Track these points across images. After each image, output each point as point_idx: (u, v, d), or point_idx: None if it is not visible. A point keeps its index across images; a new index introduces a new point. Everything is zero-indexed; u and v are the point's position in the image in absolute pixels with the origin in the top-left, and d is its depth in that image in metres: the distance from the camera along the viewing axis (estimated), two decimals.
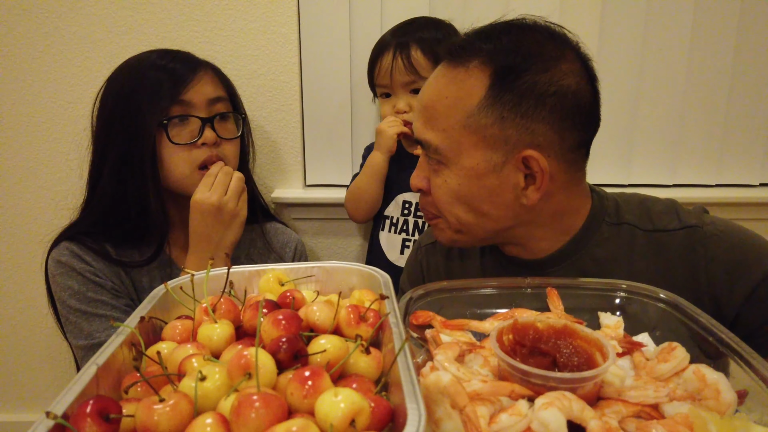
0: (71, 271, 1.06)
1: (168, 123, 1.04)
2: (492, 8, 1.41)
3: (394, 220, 1.38)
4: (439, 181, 0.80)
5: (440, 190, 0.80)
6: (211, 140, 1.08)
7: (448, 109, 0.77)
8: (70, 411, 0.39)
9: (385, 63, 1.27)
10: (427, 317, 0.65)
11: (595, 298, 0.70)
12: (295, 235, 1.34)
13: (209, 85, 1.10)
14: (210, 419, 0.39)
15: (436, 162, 0.80)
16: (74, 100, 1.45)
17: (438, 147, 0.78)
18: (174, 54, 1.12)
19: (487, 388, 0.49)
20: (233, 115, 1.16)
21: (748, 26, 1.40)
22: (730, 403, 0.49)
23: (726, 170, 1.50)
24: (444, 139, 0.77)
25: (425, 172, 0.83)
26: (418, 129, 0.81)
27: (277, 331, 0.50)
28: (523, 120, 0.74)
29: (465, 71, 0.76)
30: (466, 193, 0.79)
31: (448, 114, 0.77)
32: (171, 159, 1.07)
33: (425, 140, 0.79)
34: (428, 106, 0.79)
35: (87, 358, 1.03)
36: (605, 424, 0.45)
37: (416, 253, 1.05)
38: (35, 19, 1.40)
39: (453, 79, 0.77)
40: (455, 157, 0.77)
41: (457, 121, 0.76)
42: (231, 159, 1.14)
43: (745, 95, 1.45)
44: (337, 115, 1.50)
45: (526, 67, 0.74)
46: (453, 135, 0.77)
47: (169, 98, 1.04)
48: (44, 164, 1.49)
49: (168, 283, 0.61)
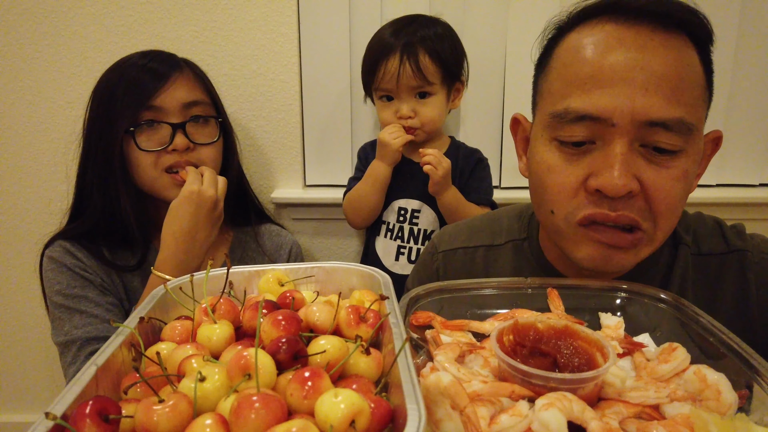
0: (61, 267, 1.05)
1: (135, 130, 1.04)
2: (492, 8, 1.41)
3: (391, 226, 1.38)
4: (676, 172, 0.64)
5: (678, 185, 0.64)
6: (181, 146, 1.06)
7: (694, 79, 0.64)
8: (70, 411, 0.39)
9: (391, 67, 1.24)
10: (427, 318, 0.65)
11: (595, 298, 0.69)
12: (290, 238, 1.32)
13: (183, 89, 1.08)
14: (209, 420, 0.39)
15: (669, 150, 0.64)
16: (74, 100, 1.45)
17: (692, 125, 0.63)
18: (154, 54, 1.11)
19: (488, 388, 0.49)
20: (213, 119, 1.13)
21: (748, 26, 1.40)
22: (731, 404, 0.49)
23: (726, 170, 1.50)
24: (691, 115, 0.63)
25: (632, 168, 0.64)
26: (657, 107, 0.62)
27: (277, 332, 0.50)
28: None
29: (682, 40, 0.65)
30: (690, 189, 0.67)
31: (693, 84, 0.64)
32: (139, 162, 1.06)
33: (673, 118, 0.62)
34: (669, 76, 0.62)
35: (64, 355, 1.03)
36: (606, 425, 0.45)
37: (431, 258, 0.94)
38: (35, 19, 1.40)
39: (680, 48, 0.65)
40: (697, 138, 0.65)
41: (701, 93, 0.65)
42: (209, 163, 1.11)
43: (745, 95, 1.45)
44: (336, 115, 1.50)
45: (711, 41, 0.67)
46: (698, 111, 0.65)
47: (139, 103, 1.04)
48: (43, 164, 1.49)
49: (168, 284, 0.61)
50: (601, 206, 0.65)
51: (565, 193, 0.68)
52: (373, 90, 1.33)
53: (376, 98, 1.34)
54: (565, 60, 0.69)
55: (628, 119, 0.62)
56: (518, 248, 0.87)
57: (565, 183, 0.68)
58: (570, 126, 0.66)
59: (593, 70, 0.64)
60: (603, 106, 0.63)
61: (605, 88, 0.63)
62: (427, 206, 1.34)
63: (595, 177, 0.65)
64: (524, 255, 0.86)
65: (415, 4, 1.40)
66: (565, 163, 0.68)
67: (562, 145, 0.68)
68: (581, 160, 0.67)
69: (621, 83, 0.62)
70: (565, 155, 0.68)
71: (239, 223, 1.27)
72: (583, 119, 0.65)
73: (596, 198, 0.66)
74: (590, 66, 0.65)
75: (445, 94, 1.31)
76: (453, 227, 0.98)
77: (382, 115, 1.32)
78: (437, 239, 0.96)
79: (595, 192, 0.65)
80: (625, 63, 0.63)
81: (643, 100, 0.62)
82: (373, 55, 1.28)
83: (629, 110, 0.62)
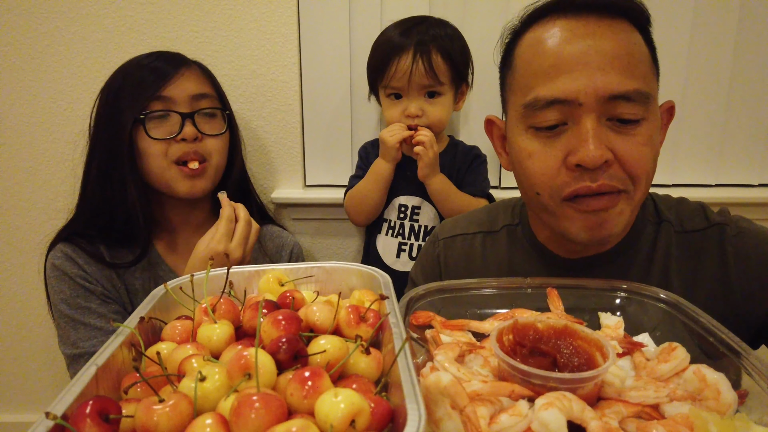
0: (64, 276, 1.06)
1: (145, 118, 1.05)
2: (492, 8, 1.41)
3: (392, 224, 1.38)
4: (642, 138, 0.71)
5: (645, 149, 0.71)
6: (191, 136, 1.07)
7: (642, 55, 0.72)
8: (70, 411, 0.39)
9: (404, 64, 1.24)
10: (427, 317, 0.65)
11: (595, 298, 0.69)
12: (291, 239, 1.32)
13: (192, 82, 1.10)
14: (210, 420, 0.39)
15: (632, 120, 0.71)
16: (74, 100, 1.45)
17: (648, 94, 0.71)
18: (162, 54, 1.13)
19: (488, 388, 0.49)
20: (220, 112, 1.15)
21: (748, 26, 1.40)
22: (731, 404, 0.49)
23: (726, 170, 1.50)
24: (646, 86, 0.71)
25: (603, 140, 0.70)
26: (615, 82, 0.69)
27: (277, 332, 0.50)
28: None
29: (625, 24, 0.73)
30: (657, 153, 0.74)
31: (642, 60, 0.72)
32: (149, 152, 1.07)
33: (631, 90, 0.69)
34: (621, 55, 0.70)
35: (72, 366, 1.05)
36: (605, 425, 0.45)
37: (433, 246, 1.00)
38: (35, 19, 1.40)
39: (624, 30, 0.73)
40: (654, 107, 0.73)
41: (649, 67, 0.73)
42: (215, 155, 1.13)
43: (745, 95, 1.45)
44: (336, 115, 1.50)
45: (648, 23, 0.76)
46: (650, 83, 0.73)
47: (149, 94, 1.05)
48: (44, 164, 1.49)
49: (168, 284, 0.61)
50: (583, 180, 0.71)
51: (548, 174, 0.73)
52: (381, 88, 1.32)
53: (383, 96, 1.33)
54: (527, 56, 0.76)
55: (593, 97, 0.69)
56: (512, 233, 0.93)
57: (546, 165, 0.73)
58: (542, 112, 0.72)
59: (554, 60, 0.71)
60: (568, 89, 0.70)
61: (567, 73, 0.70)
62: (428, 203, 1.35)
63: (573, 154, 0.70)
64: (517, 238, 0.92)
65: (415, 4, 1.40)
66: (543, 146, 0.74)
67: (537, 131, 0.74)
68: (557, 141, 0.73)
69: (580, 67, 0.70)
70: (541, 140, 0.74)
71: None
72: (553, 104, 0.71)
73: (577, 173, 0.71)
74: (551, 57, 0.72)
75: (453, 95, 1.31)
76: (453, 219, 1.05)
77: (389, 113, 1.32)
78: (438, 229, 1.03)
79: (575, 168, 0.71)
80: (581, 49, 0.70)
81: (603, 78, 0.69)
82: (384, 52, 1.27)
83: (592, 89, 0.69)
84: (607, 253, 0.82)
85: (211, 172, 1.13)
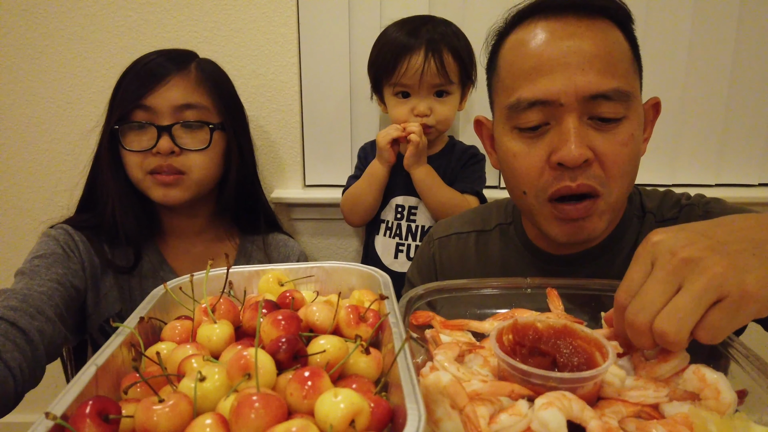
0: (51, 239, 1.00)
1: (122, 128, 1.03)
2: (492, 8, 1.41)
3: (389, 225, 1.38)
4: (623, 137, 0.72)
5: (626, 149, 0.72)
6: (165, 150, 1.02)
7: (622, 54, 0.73)
8: (70, 412, 0.39)
9: (415, 63, 1.23)
10: (427, 317, 0.65)
11: (595, 298, 0.69)
12: (298, 248, 1.29)
13: (178, 91, 1.04)
14: (209, 420, 0.39)
15: (613, 118, 0.71)
16: (74, 100, 1.45)
17: (629, 93, 0.71)
18: (165, 53, 1.09)
19: (487, 388, 0.49)
20: (206, 126, 1.07)
21: (748, 26, 1.40)
22: (730, 403, 0.49)
23: (726, 170, 1.50)
24: (626, 84, 0.71)
25: (585, 139, 0.71)
26: (595, 82, 0.70)
27: (277, 332, 0.50)
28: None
29: (605, 23, 0.74)
30: (639, 151, 0.75)
31: (622, 58, 0.73)
32: (126, 162, 1.06)
33: (611, 89, 0.70)
34: (600, 55, 0.70)
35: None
36: (605, 424, 0.45)
37: (428, 246, 1.01)
38: (35, 19, 1.40)
39: (604, 29, 0.73)
40: (636, 104, 0.73)
41: (630, 65, 0.74)
42: (196, 169, 1.06)
43: (745, 95, 1.45)
44: (336, 115, 1.50)
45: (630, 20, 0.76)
46: (631, 81, 0.73)
47: (131, 102, 1.03)
48: (44, 164, 1.49)
49: (167, 284, 0.61)
50: (563, 179, 0.72)
51: (533, 173, 0.75)
52: (388, 86, 1.30)
53: (389, 95, 1.31)
54: (510, 58, 0.77)
55: (573, 97, 0.70)
56: (505, 231, 0.95)
57: (530, 164, 0.75)
58: (524, 113, 0.74)
59: (535, 61, 0.72)
60: (549, 90, 0.71)
61: (548, 75, 0.71)
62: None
63: (556, 153, 0.72)
64: (510, 237, 0.94)
65: (415, 4, 1.40)
66: (527, 147, 0.75)
67: (521, 131, 0.75)
68: (540, 141, 0.74)
69: (560, 68, 0.70)
70: (525, 140, 0.75)
71: (248, 231, 1.24)
72: (535, 105, 0.72)
73: (559, 172, 0.73)
74: (531, 59, 0.73)
75: (460, 95, 1.31)
76: (448, 219, 1.07)
77: (396, 112, 1.30)
78: (433, 229, 1.05)
79: (557, 166, 0.72)
80: (561, 50, 0.71)
81: (582, 78, 0.70)
82: (393, 51, 1.26)
83: (573, 89, 0.70)
84: (595, 248, 0.84)
85: (189, 184, 1.06)
